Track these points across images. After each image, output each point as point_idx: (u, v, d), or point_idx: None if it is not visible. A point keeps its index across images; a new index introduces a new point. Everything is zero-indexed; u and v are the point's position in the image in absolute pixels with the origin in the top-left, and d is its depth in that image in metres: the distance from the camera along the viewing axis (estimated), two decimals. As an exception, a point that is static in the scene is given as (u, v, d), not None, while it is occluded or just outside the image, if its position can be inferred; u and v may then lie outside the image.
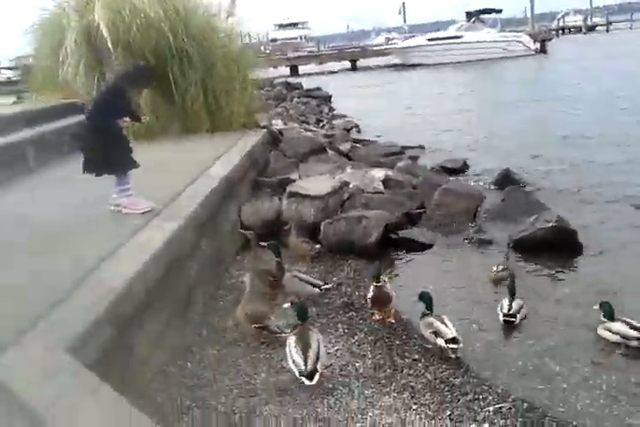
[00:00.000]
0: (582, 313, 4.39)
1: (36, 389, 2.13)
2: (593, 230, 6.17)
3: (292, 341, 3.47)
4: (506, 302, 4.50)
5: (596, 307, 4.18)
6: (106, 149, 4.36)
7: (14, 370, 2.31)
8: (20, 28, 10.46)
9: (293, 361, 3.37)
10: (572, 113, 15.07)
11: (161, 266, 3.66)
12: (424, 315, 4.03)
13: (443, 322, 3.88)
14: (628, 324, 3.97)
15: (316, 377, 3.30)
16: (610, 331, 4.02)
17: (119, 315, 2.99)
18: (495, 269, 5.18)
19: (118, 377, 2.79)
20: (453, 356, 3.79)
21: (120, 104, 4.42)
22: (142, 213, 4.48)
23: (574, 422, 3.12)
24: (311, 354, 3.36)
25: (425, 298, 4.10)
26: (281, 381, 3.51)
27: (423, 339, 3.98)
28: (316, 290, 4.69)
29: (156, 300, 3.55)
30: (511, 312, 4.38)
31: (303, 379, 3.30)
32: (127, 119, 4.49)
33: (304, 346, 3.39)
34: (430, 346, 3.90)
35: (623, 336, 3.94)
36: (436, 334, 3.82)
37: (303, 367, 3.31)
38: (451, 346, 3.75)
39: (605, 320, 4.09)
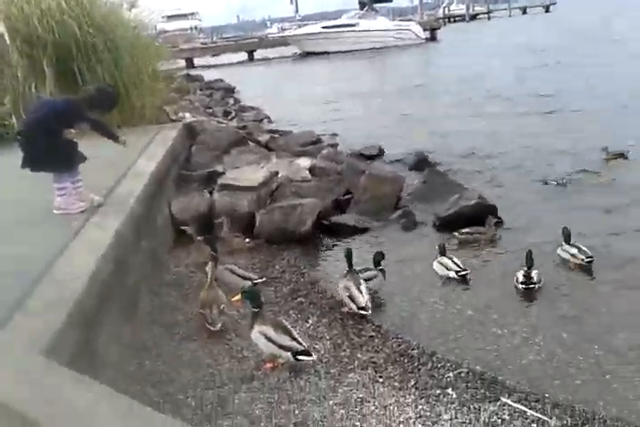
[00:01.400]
0: (509, 278, 4.79)
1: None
2: (506, 205, 6.62)
3: (266, 329, 3.45)
4: (446, 260, 4.95)
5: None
6: (48, 148, 4.24)
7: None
8: None
9: (282, 346, 3.39)
10: (468, 96, 15.82)
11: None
12: (346, 273, 4.38)
13: (358, 288, 4.23)
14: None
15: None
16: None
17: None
18: (463, 231, 5.67)
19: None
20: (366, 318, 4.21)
21: (72, 119, 4.39)
22: (80, 213, 4.34)
23: (524, 378, 3.44)
24: (296, 334, 3.45)
25: (347, 254, 4.46)
26: (245, 368, 3.56)
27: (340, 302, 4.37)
28: (248, 283, 4.70)
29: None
30: (462, 267, 4.88)
31: (303, 358, 3.41)
32: (72, 131, 4.40)
33: (284, 329, 3.46)
34: (346, 309, 4.29)
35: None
36: (351, 298, 4.19)
37: (300, 347, 3.41)
38: (361, 312, 4.17)
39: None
